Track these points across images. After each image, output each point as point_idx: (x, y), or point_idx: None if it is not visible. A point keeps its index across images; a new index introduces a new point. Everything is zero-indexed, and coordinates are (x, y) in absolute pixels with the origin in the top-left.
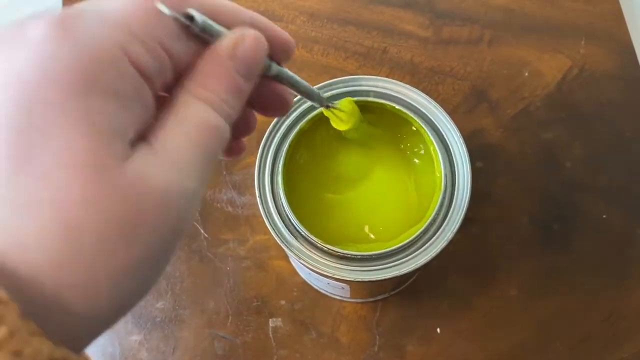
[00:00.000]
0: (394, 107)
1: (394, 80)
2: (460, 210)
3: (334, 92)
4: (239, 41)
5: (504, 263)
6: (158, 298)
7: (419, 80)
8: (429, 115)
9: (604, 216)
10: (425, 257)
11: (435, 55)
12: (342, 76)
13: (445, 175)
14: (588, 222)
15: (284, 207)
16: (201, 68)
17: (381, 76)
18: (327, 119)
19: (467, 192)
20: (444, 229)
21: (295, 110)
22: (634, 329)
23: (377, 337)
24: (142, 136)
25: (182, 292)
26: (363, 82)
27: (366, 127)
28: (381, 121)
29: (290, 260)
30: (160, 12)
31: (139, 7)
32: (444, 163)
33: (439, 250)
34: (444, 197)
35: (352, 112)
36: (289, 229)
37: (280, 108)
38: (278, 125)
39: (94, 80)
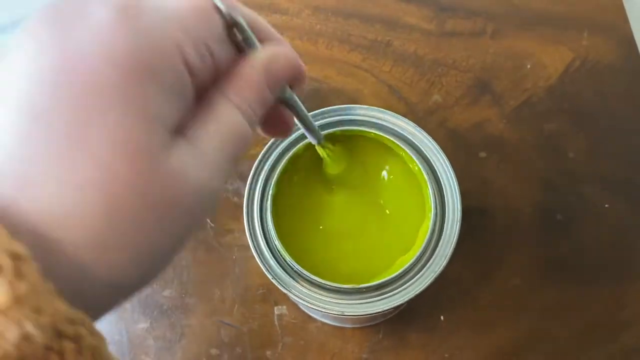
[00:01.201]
0: (383, 136)
1: (384, 110)
2: (452, 236)
3: (328, 120)
4: (274, 58)
5: (507, 253)
6: (165, 286)
7: (422, 72)
8: (416, 143)
9: (607, 206)
10: (425, 282)
11: (438, 47)
12: (347, 68)
13: (435, 199)
14: (591, 212)
15: (275, 244)
16: (237, 75)
17: (385, 69)
18: (311, 157)
19: (457, 215)
20: (439, 251)
21: (282, 142)
22: (637, 318)
23: (381, 325)
24: (178, 128)
25: (189, 280)
26: (357, 111)
27: (358, 170)
28: (367, 151)
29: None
30: (210, 15)
31: (195, 7)
32: (432, 189)
33: (441, 269)
34: (434, 222)
35: (343, 155)
36: (280, 265)
37: (281, 131)
38: (267, 155)
39: (151, 70)
